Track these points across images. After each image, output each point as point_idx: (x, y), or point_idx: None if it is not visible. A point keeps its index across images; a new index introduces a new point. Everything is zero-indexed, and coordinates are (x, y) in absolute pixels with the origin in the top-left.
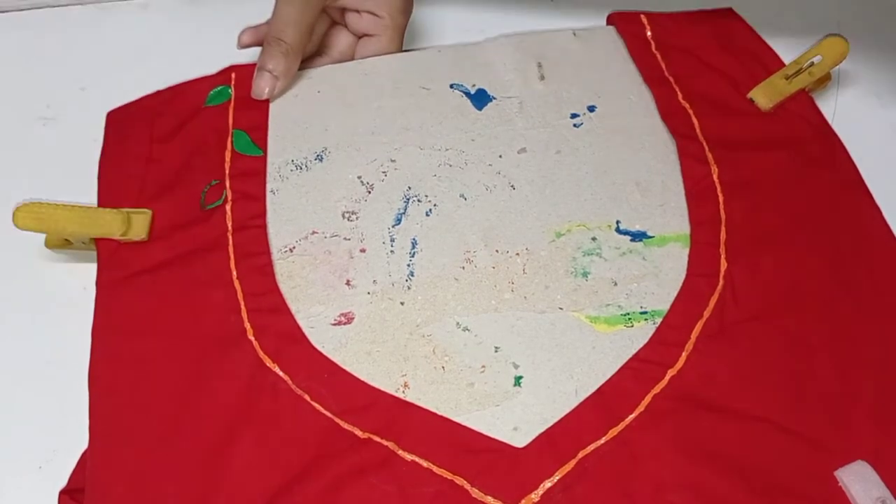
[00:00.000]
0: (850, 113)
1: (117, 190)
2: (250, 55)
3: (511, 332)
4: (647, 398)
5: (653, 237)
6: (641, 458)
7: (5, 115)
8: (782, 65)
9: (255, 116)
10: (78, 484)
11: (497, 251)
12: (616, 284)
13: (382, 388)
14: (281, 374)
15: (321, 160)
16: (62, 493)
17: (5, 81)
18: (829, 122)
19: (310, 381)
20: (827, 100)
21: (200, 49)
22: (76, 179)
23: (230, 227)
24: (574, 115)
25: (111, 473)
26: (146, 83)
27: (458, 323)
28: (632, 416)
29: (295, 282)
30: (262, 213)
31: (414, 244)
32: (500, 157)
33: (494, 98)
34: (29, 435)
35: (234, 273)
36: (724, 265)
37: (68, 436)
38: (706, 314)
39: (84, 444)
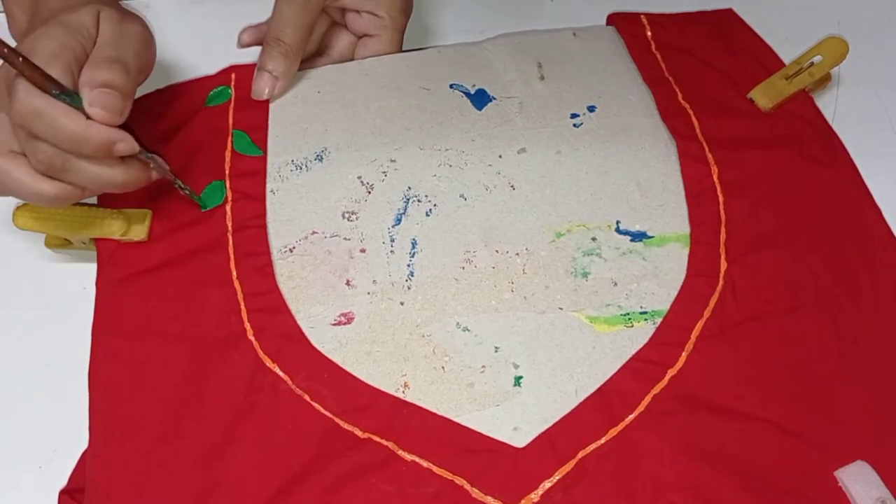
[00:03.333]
0: (850, 113)
1: None
2: (251, 55)
3: (511, 333)
4: (647, 398)
5: (653, 237)
6: (641, 458)
7: None
8: (782, 65)
9: (255, 117)
10: (78, 484)
11: (497, 251)
12: (616, 284)
13: (382, 388)
14: (281, 374)
15: (321, 160)
16: (62, 492)
17: None
18: (829, 122)
19: (310, 381)
20: (827, 100)
21: (201, 49)
22: None
23: (230, 228)
24: (574, 116)
25: (111, 473)
26: (146, 83)
27: (458, 323)
28: (632, 416)
29: (295, 282)
30: (262, 214)
31: (414, 244)
32: (500, 157)
33: (494, 98)
34: (29, 435)
35: (234, 273)
36: (724, 265)
37: (68, 436)
38: (706, 314)
39: (84, 444)
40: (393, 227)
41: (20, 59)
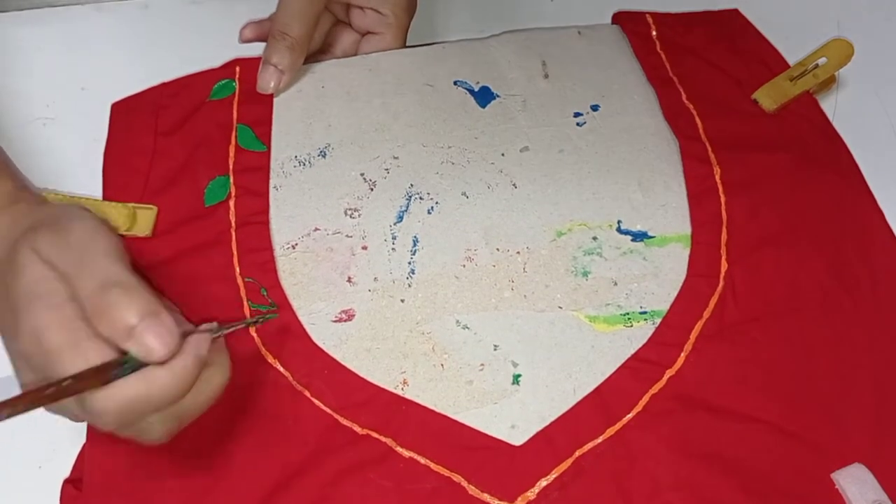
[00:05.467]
0: (850, 113)
1: (122, 183)
2: (252, 55)
3: (510, 331)
4: (645, 398)
5: (654, 237)
6: (638, 458)
7: (6, 115)
8: (787, 66)
9: (259, 111)
10: (82, 473)
11: (498, 249)
12: (616, 284)
13: (382, 385)
14: (281, 369)
15: (324, 156)
16: (66, 482)
17: (5, 81)
18: (830, 122)
19: (310, 377)
20: (827, 100)
21: (201, 49)
22: (76, 179)
23: (233, 224)
24: (577, 114)
25: (110, 466)
26: (146, 83)
27: (457, 321)
28: (629, 416)
29: (297, 278)
30: (265, 210)
31: (415, 242)
32: (503, 155)
33: (498, 96)
34: (29, 435)
35: (237, 269)
36: (724, 266)
37: (68, 435)
38: (706, 315)
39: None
40: (395, 224)
41: (63, 384)
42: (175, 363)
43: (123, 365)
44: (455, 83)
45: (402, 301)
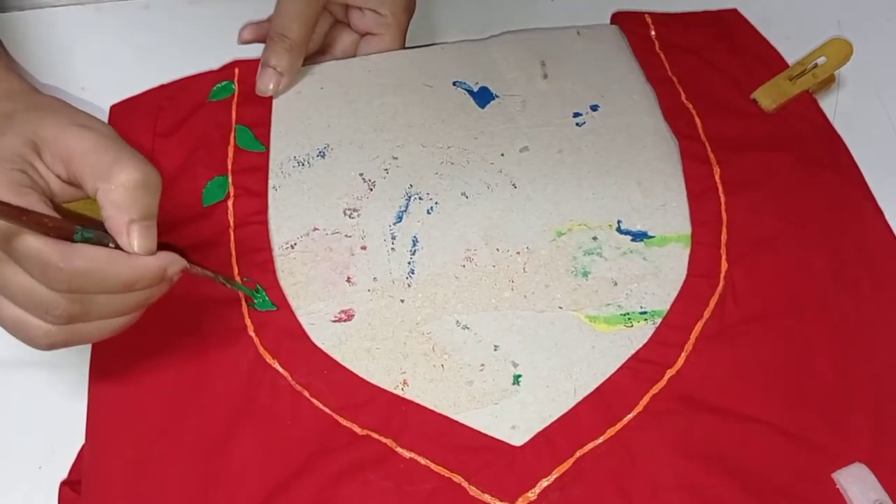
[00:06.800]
0: (850, 113)
1: None
2: (251, 54)
3: (510, 331)
4: (646, 398)
5: (654, 237)
6: (639, 459)
7: None
8: (786, 66)
9: (258, 112)
10: (79, 475)
11: (498, 250)
12: (616, 284)
13: (381, 386)
14: (281, 370)
15: (323, 157)
16: (63, 484)
17: None
18: (830, 122)
19: (309, 377)
20: (827, 99)
21: (201, 49)
22: None
23: (232, 224)
24: (577, 115)
25: (110, 466)
26: (146, 83)
27: (457, 321)
28: (630, 416)
29: (296, 278)
30: (264, 210)
31: (415, 242)
32: (503, 155)
33: (497, 96)
34: (28, 435)
35: (236, 269)
36: (724, 266)
37: (67, 435)
38: (706, 315)
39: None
40: (394, 224)
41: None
42: (139, 259)
43: (86, 232)
44: (454, 83)
45: (402, 301)
